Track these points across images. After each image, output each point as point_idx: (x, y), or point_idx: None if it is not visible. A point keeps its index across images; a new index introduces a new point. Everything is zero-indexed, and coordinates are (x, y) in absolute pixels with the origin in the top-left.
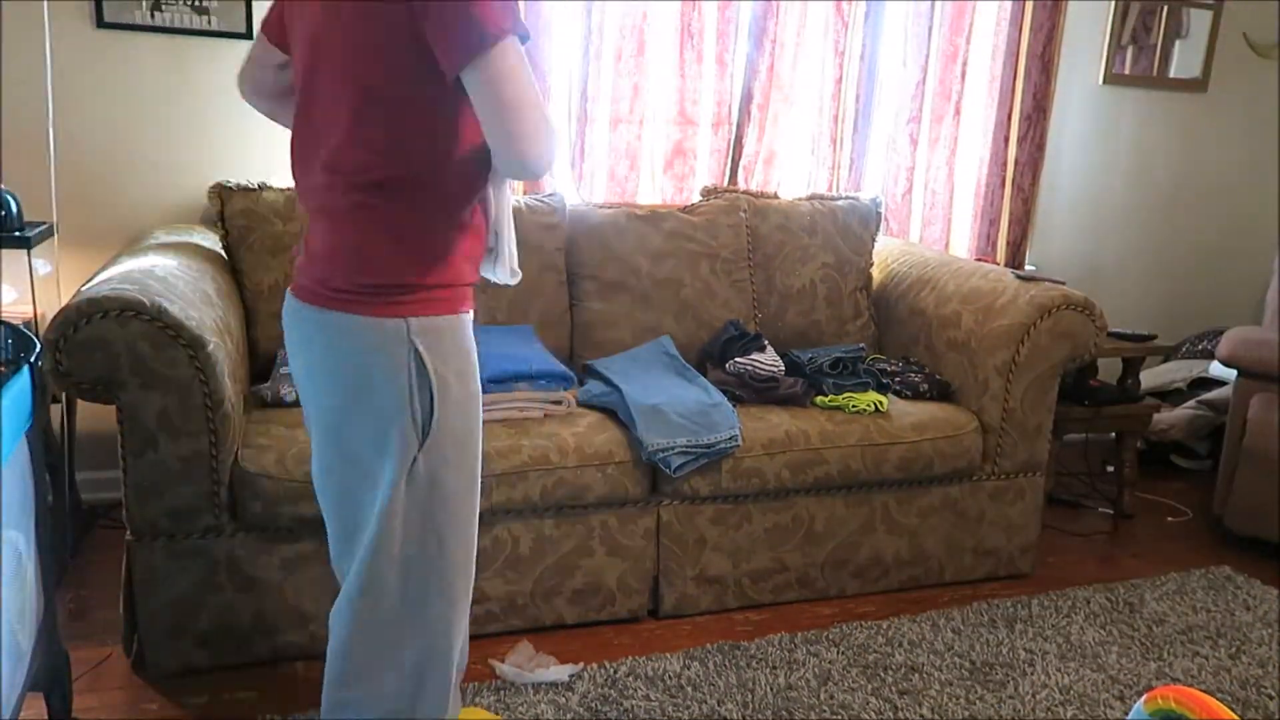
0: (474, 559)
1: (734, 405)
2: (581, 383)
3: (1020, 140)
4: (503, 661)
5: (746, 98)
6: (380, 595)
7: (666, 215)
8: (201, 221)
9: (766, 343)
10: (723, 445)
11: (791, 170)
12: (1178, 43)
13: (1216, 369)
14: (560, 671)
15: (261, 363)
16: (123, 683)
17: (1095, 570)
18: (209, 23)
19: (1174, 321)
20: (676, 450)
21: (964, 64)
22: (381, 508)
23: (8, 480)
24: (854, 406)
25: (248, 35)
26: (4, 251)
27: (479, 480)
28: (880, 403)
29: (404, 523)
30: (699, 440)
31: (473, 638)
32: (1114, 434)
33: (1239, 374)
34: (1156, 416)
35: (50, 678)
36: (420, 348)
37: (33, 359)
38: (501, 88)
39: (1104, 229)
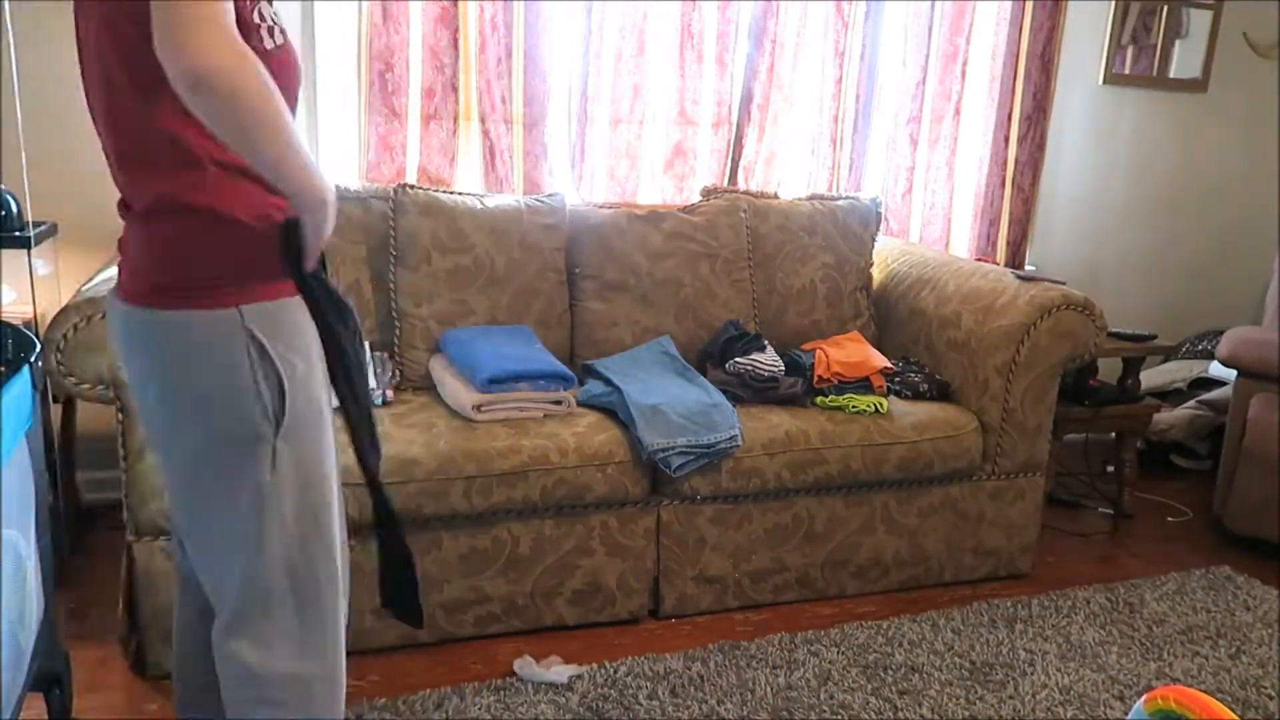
0: (343, 543)
1: (734, 405)
2: (581, 383)
3: (1020, 140)
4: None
5: (746, 98)
6: (271, 604)
7: (666, 215)
8: None
9: (766, 343)
10: (723, 445)
11: (791, 170)
12: (1178, 43)
13: (1216, 369)
14: (561, 673)
15: None
16: (123, 683)
17: (1095, 570)
18: None
19: (1174, 321)
20: (676, 450)
21: (964, 64)
22: (251, 506)
23: (8, 480)
24: (854, 407)
25: None
26: (4, 251)
27: (335, 463)
28: (880, 403)
29: (279, 515)
30: (699, 440)
31: (473, 638)
32: (1114, 434)
33: (1239, 374)
34: (1156, 416)
35: (50, 678)
36: (258, 334)
37: (33, 359)
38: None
39: (1104, 229)
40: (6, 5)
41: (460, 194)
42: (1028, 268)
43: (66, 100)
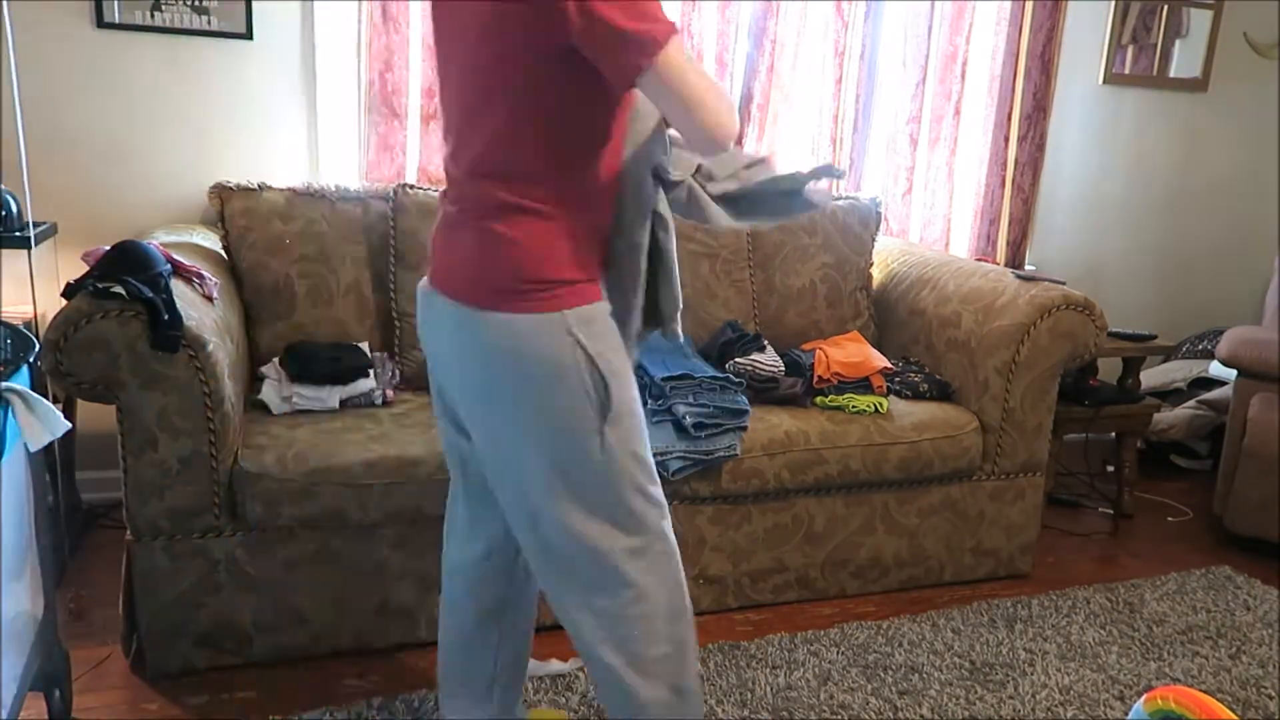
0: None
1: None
2: None
3: (1020, 140)
4: None
5: (746, 98)
6: (620, 587)
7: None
8: (201, 221)
9: (766, 343)
10: (721, 454)
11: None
12: (1178, 42)
13: (1216, 369)
14: (565, 666)
15: (261, 363)
16: (123, 683)
17: (1095, 570)
18: (209, 23)
19: (1174, 321)
20: (675, 454)
21: (964, 64)
22: (578, 497)
23: (7, 480)
24: (854, 407)
25: (248, 35)
26: (4, 251)
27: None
28: (880, 403)
29: (606, 492)
30: (697, 449)
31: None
32: (1114, 434)
33: (1239, 374)
34: (1156, 416)
35: (50, 678)
36: (580, 336)
37: (32, 359)
38: (673, 88)
39: (1104, 229)
40: (6, 5)
41: None
42: (1028, 268)
43: (67, 100)
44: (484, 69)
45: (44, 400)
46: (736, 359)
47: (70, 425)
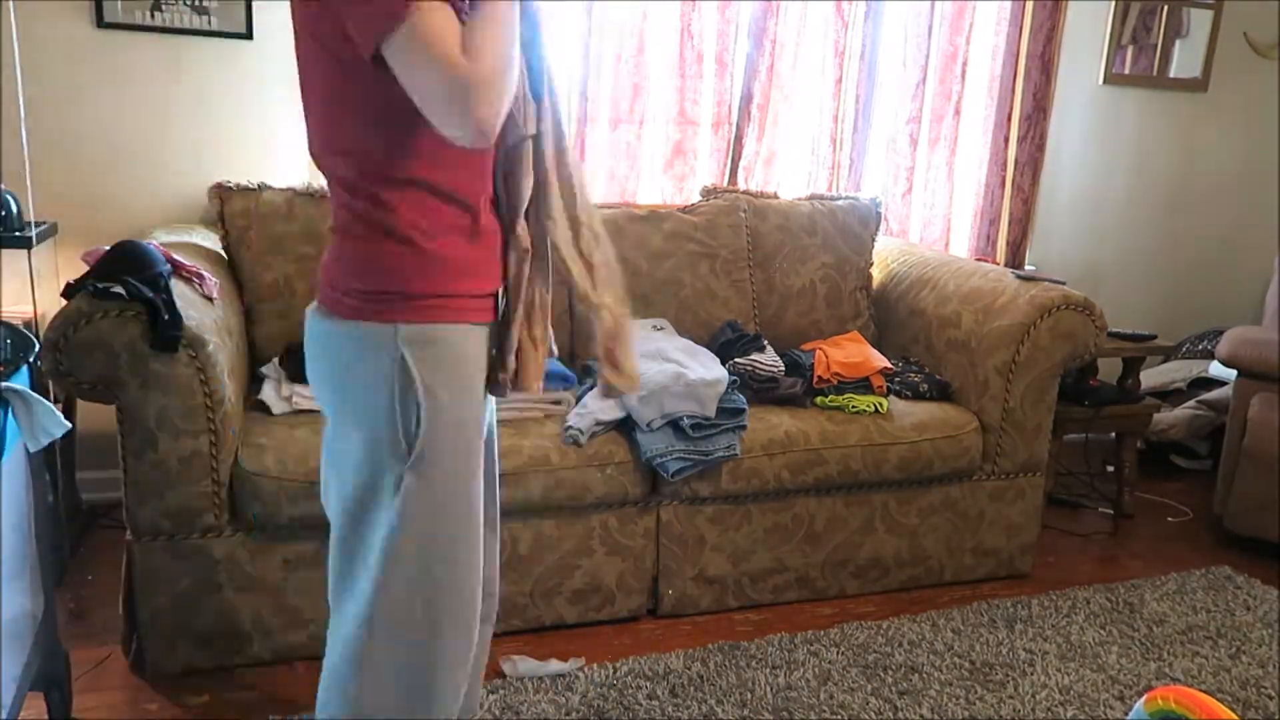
0: (478, 592)
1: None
2: (581, 383)
3: (1020, 140)
4: (508, 660)
5: (746, 98)
6: (386, 634)
7: (666, 215)
8: (201, 221)
9: (766, 343)
10: (720, 454)
11: (791, 170)
12: (1178, 42)
13: (1216, 369)
14: (564, 665)
15: (261, 363)
16: (123, 683)
17: (1095, 570)
18: (209, 23)
19: (1174, 321)
20: (675, 455)
21: (964, 64)
22: (381, 530)
23: (7, 480)
24: (854, 407)
25: (248, 35)
26: (4, 251)
27: (478, 511)
28: (880, 403)
29: (399, 548)
30: (696, 449)
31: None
32: (1114, 434)
33: (1239, 374)
34: (1156, 416)
35: (50, 678)
36: (408, 357)
37: (32, 359)
38: (415, 59)
39: (1104, 229)
40: (10, 5)
41: None
42: (1028, 268)
43: (67, 100)
44: (304, 72)
45: (44, 400)
46: (736, 359)
47: (70, 425)
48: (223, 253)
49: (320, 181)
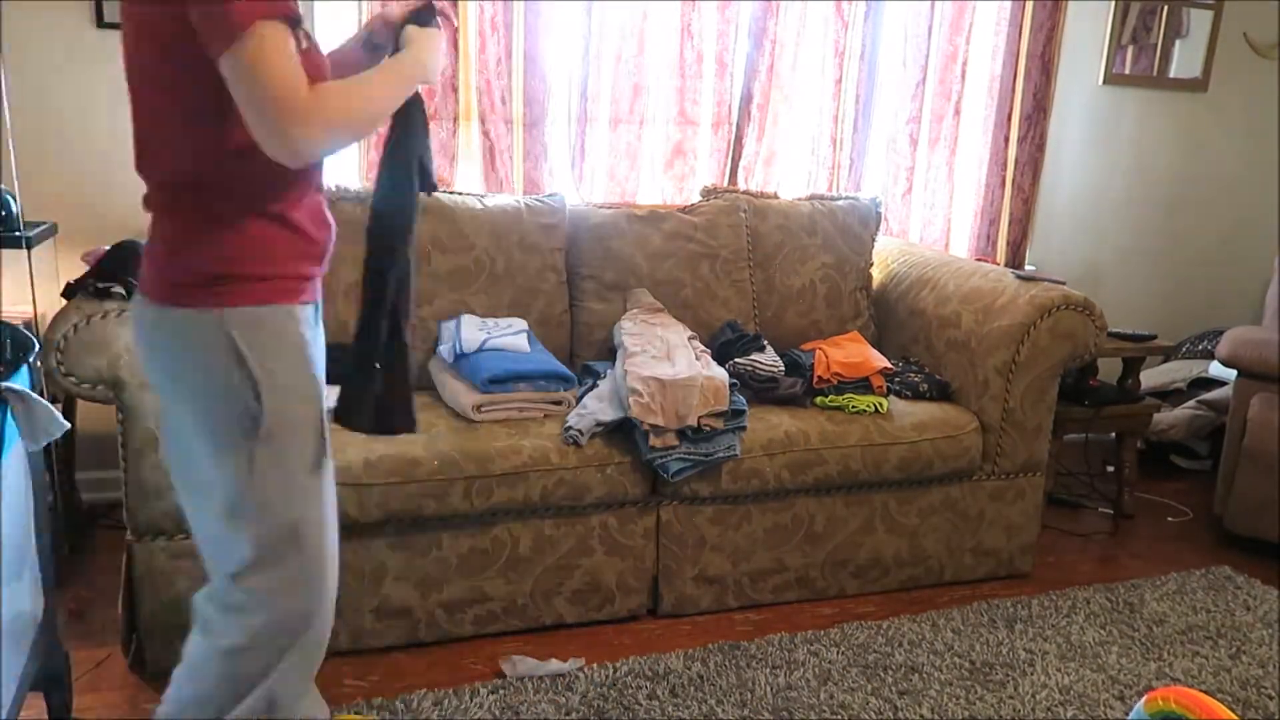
0: (334, 556)
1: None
2: (581, 383)
3: (1020, 140)
4: (508, 660)
5: (746, 98)
6: (246, 606)
7: (666, 215)
8: None
9: (766, 343)
10: (721, 454)
11: (791, 170)
12: (1178, 42)
13: (1216, 369)
14: (564, 665)
15: None
16: (123, 683)
17: (1095, 570)
18: None
19: (1174, 321)
20: (675, 456)
21: (964, 64)
22: (224, 509)
23: (7, 480)
24: (854, 407)
25: None
26: (3, 251)
27: (328, 471)
28: (880, 403)
29: (250, 522)
30: (698, 449)
31: (472, 637)
32: (1114, 434)
33: (1239, 374)
34: (1156, 416)
35: (50, 678)
36: (238, 340)
37: (32, 359)
38: (248, 76)
39: (1104, 229)
40: (3, 6)
41: (460, 194)
42: (1028, 268)
43: (67, 100)
44: (136, 66)
45: (43, 400)
46: (736, 359)
47: (69, 425)
48: None
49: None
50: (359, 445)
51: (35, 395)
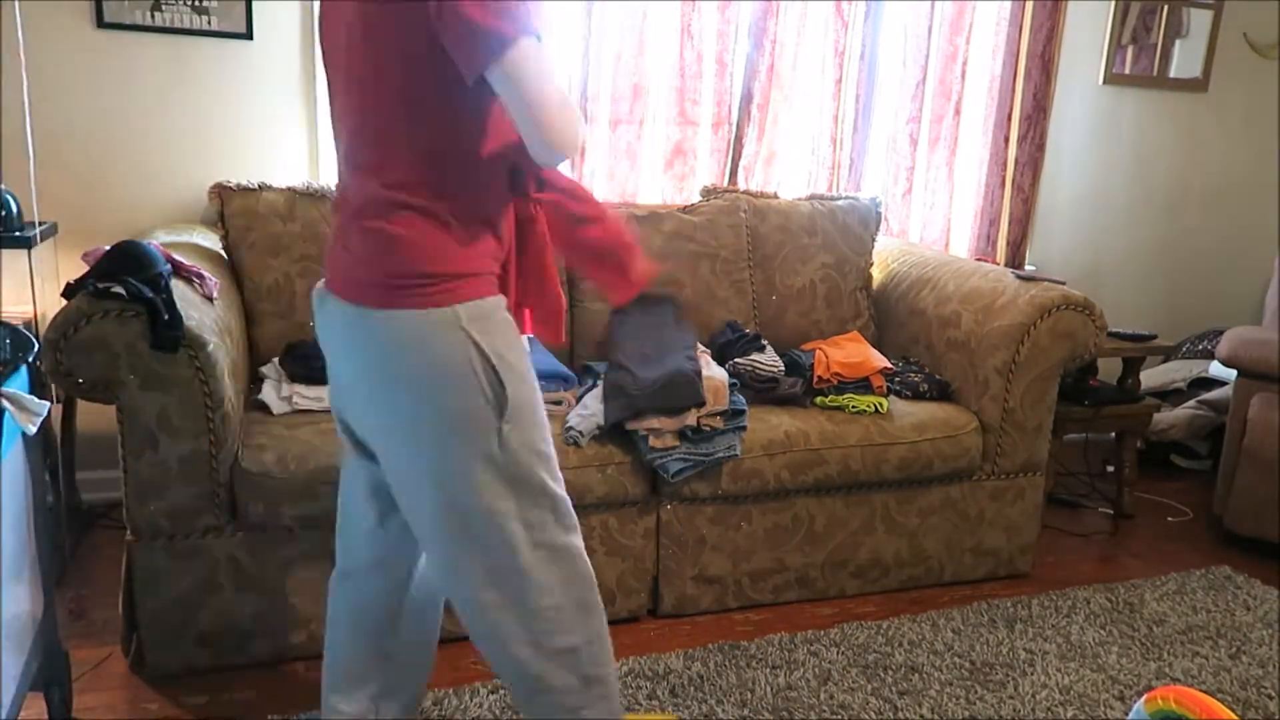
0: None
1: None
2: (581, 383)
3: (1020, 140)
4: None
5: (746, 98)
6: (523, 581)
7: (666, 215)
8: (201, 221)
9: (766, 343)
10: (721, 454)
11: (791, 170)
12: (1178, 42)
13: (1216, 369)
14: None
15: (261, 363)
16: (123, 683)
17: (1095, 570)
18: (209, 23)
19: (1174, 321)
20: (675, 456)
21: (964, 64)
22: (476, 494)
23: (7, 480)
24: (854, 407)
25: (248, 35)
26: (4, 251)
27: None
28: (880, 403)
29: (506, 499)
30: (698, 449)
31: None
32: (1114, 434)
33: (1239, 374)
34: (1156, 416)
35: (50, 678)
36: (473, 332)
37: (32, 359)
38: (517, 89)
39: (1104, 229)
40: (16, 5)
41: None
42: (1028, 268)
43: (67, 100)
44: (362, 68)
45: (20, 392)
46: (736, 359)
47: (49, 403)
48: (223, 253)
49: (318, 182)
50: None
51: (14, 390)
